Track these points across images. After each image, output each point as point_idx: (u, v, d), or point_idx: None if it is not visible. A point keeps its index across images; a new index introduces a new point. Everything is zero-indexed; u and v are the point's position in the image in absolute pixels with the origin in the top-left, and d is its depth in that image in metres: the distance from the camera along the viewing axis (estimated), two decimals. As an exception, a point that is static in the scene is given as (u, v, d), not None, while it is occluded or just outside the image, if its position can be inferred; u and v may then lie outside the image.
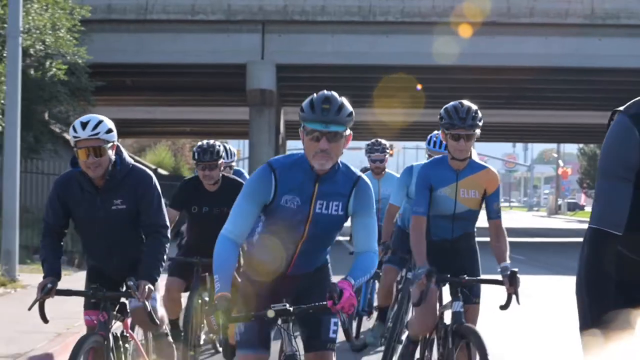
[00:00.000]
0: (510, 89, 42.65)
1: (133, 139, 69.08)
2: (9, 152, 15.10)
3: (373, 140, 11.19)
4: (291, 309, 5.28)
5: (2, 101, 22.05)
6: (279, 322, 5.34)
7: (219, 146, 9.36)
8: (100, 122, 6.53)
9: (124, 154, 6.76)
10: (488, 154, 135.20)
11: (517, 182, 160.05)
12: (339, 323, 5.52)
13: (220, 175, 9.26)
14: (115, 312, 6.69)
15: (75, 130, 6.52)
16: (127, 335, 6.87)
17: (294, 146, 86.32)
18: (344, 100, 5.40)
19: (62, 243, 6.85)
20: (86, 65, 26.92)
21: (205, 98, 45.60)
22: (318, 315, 5.49)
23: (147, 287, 6.40)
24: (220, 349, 9.97)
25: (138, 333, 7.35)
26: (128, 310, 6.74)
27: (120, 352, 6.69)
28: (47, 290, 6.45)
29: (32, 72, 26.04)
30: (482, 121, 7.03)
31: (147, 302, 6.49)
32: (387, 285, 10.09)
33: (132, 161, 6.83)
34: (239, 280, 6.05)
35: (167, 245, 6.79)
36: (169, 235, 6.83)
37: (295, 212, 5.35)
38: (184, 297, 9.50)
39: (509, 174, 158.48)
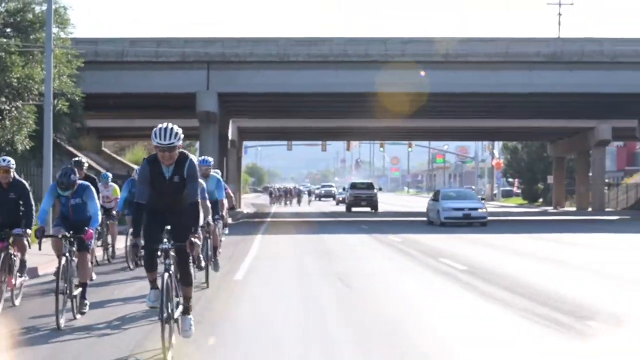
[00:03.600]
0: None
1: (114, 141, 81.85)
2: (46, 169, 27.92)
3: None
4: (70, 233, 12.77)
5: (29, 130, 34.48)
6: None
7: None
8: (10, 159, 14.25)
9: (15, 174, 14.34)
10: (444, 148, 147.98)
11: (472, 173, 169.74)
12: (91, 242, 13.56)
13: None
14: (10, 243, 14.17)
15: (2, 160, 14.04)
16: (15, 254, 14.33)
17: (250, 144, 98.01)
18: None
19: None
20: (81, 100, 38.73)
21: (167, 113, 58.08)
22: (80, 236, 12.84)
23: (29, 231, 13.97)
24: None
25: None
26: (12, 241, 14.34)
27: (12, 260, 14.16)
28: None
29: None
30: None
31: (28, 238, 14.08)
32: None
33: (18, 177, 14.42)
34: None
35: (31, 216, 14.15)
36: (32, 209, 14.25)
37: None
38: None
39: (462, 164, 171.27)
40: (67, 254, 12.64)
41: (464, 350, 10.43)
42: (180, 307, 10.45)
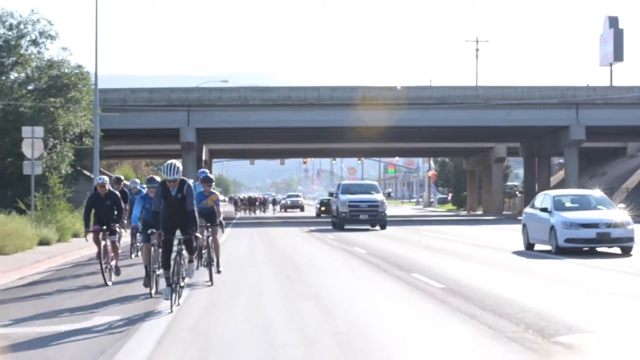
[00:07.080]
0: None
1: (104, 160, 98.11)
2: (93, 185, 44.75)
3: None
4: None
5: (69, 160, 51.05)
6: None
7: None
8: (104, 177, 19.04)
9: (111, 187, 19.16)
10: (394, 161, 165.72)
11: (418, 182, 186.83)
12: None
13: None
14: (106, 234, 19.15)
15: (99, 179, 19.68)
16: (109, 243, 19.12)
17: (219, 162, 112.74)
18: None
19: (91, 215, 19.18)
20: (101, 136, 55.17)
21: (158, 141, 75.01)
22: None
23: (118, 227, 19.16)
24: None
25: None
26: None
27: (108, 246, 19.05)
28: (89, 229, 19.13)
29: (75, 143, 54.95)
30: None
31: (117, 236, 19.41)
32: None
33: (112, 189, 19.16)
34: None
35: (121, 214, 19.09)
36: (122, 210, 19.18)
37: None
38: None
39: (409, 174, 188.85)
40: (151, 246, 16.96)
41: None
42: (186, 278, 15.39)
